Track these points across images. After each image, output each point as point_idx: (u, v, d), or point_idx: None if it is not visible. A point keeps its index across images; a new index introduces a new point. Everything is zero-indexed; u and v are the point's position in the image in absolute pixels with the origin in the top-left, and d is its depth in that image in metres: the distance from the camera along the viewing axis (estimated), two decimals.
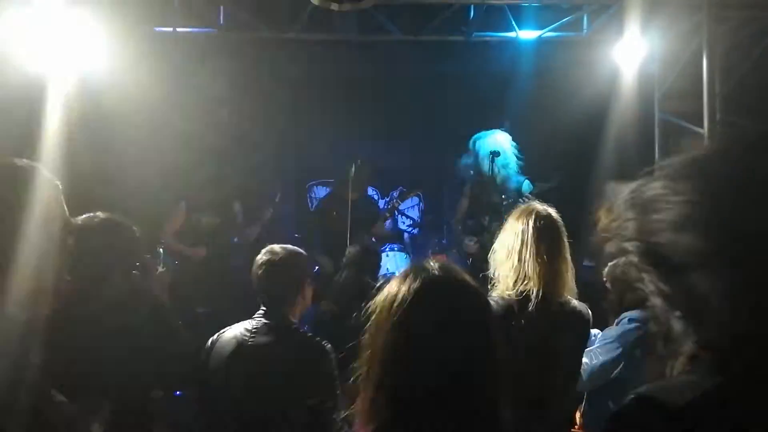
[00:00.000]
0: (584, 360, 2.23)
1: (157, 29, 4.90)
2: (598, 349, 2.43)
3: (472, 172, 4.44)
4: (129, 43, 5.11)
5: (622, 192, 0.86)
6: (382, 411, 0.96)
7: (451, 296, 1.02)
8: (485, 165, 4.27)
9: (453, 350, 0.95)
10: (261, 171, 6.45)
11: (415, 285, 1.02)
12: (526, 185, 4.37)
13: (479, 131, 4.55)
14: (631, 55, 5.02)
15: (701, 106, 4.45)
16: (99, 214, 2.09)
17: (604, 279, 2.68)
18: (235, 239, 4.74)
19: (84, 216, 2.07)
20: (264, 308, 2.22)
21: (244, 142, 6.76)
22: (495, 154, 4.22)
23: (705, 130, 4.44)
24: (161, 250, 4.62)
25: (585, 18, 4.84)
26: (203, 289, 4.39)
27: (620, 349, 2.40)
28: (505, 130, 4.55)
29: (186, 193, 4.38)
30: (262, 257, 2.27)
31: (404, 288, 1.03)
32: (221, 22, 4.89)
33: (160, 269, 3.65)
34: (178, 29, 4.89)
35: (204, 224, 4.35)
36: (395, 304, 1.01)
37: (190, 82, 6.14)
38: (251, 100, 6.63)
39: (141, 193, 5.52)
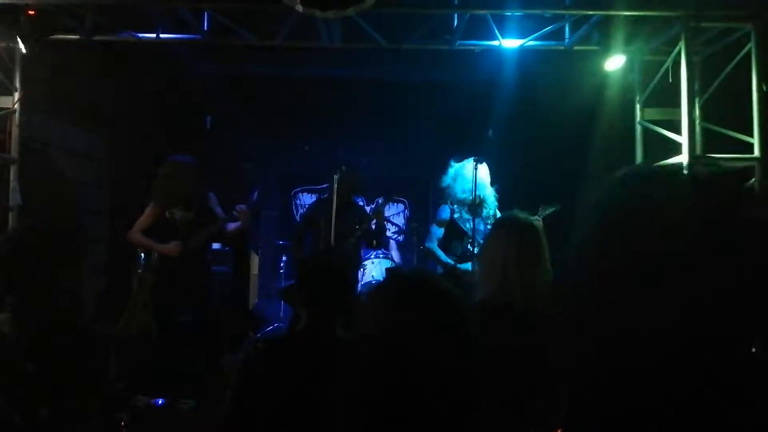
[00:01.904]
0: None
1: (141, 35, 4.87)
2: None
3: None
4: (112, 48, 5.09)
5: None
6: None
7: (429, 301, 1.03)
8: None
9: (432, 355, 0.96)
10: (246, 178, 6.43)
11: (392, 291, 1.04)
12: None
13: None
14: (613, 64, 5.11)
15: (681, 113, 4.53)
16: None
17: None
18: (216, 246, 4.66)
19: None
20: None
21: (228, 149, 6.74)
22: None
23: (684, 137, 4.52)
24: (142, 254, 4.48)
25: (567, 27, 4.91)
26: (183, 294, 4.23)
27: None
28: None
29: (160, 191, 4.19)
30: None
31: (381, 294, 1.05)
32: (205, 28, 4.87)
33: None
34: (162, 35, 4.87)
35: (179, 220, 4.14)
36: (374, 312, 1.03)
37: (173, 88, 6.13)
38: (235, 107, 6.62)
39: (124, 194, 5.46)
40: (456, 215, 4.33)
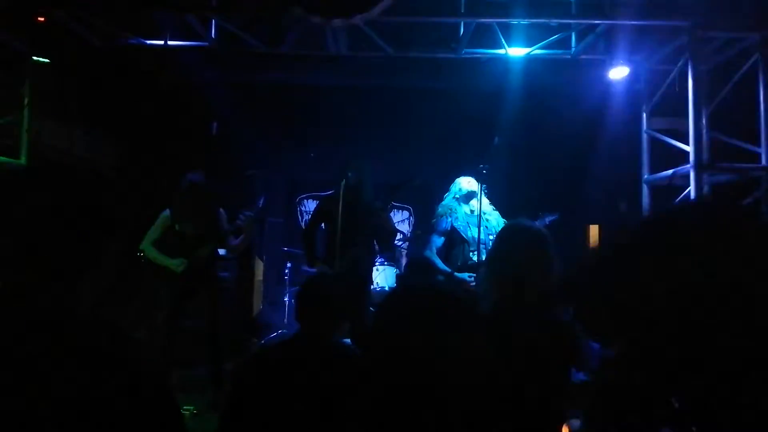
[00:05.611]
0: None
1: (149, 42, 4.90)
2: None
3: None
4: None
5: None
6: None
7: (432, 304, 1.03)
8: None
9: (434, 359, 0.96)
10: (251, 184, 6.44)
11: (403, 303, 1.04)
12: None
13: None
14: (618, 73, 5.11)
15: (688, 123, 4.52)
16: None
17: None
18: (221, 251, 4.67)
19: None
20: None
21: (234, 155, 6.76)
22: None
23: (691, 146, 4.50)
24: (143, 260, 4.55)
25: (573, 36, 4.92)
26: (190, 302, 4.31)
27: None
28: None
29: (171, 203, 4.30)
30: None
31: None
32: (213, 35, 4.90)
33: None
34: (170, 42, 4.90)
35: (188, 235, 4.26)
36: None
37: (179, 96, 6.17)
38: (241, 114, 6.65)
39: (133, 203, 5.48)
40: (456, 223, 4.29)
